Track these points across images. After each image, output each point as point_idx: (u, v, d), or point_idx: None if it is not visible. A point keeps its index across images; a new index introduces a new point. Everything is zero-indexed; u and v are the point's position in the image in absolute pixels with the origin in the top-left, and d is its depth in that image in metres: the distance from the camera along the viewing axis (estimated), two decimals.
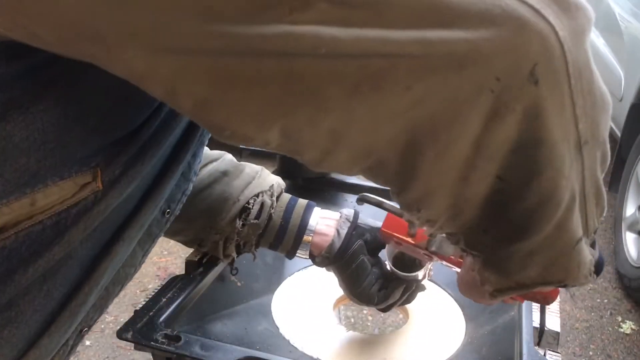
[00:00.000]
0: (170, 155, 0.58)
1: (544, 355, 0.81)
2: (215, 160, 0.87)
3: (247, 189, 0.85)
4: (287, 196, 0.88)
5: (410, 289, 0.88)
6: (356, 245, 0.84)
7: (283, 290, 1.00)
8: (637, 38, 3.17)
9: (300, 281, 1.03)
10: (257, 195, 0.84)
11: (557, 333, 0.84)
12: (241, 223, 0.83)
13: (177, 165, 0.59)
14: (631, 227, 2.77)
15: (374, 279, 0.86)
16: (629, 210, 2.82)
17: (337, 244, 0.84)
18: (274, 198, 0.86)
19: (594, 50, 3.89)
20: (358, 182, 1.28)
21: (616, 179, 3.01)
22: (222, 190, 0.84)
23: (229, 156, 0.89)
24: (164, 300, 0.85)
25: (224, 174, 0.85)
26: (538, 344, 0.84)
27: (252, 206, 0.84)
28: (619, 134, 3.14)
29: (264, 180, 0.87)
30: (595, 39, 3.92)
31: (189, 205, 0.72)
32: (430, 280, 1.06)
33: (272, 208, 0.85)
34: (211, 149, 0.88)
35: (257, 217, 0.84)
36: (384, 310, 0.89)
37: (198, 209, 0.83)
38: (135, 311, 0.82)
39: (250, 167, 0.88)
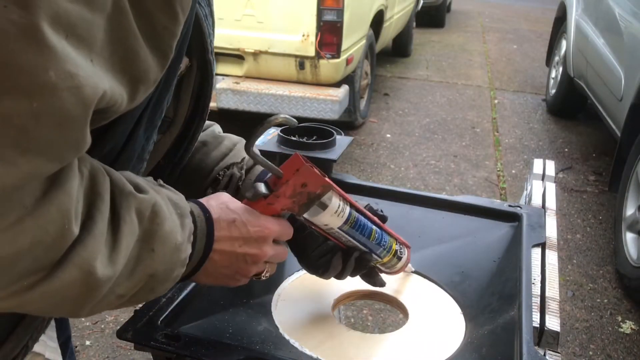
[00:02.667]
0: (124, 143, 0.61)
1: (544, 355, 0.81)
2: (205, 129, 0.88)
3: (223, 160, 0.87)
4: (258, 169, 0.89)
5: (350, 255, 0.85)
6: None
7: (283, 290, 1.00)
8: (637, 38, 3.16)
9: (300, 281, 1.03)
10: (227, 168, 0.86)
11: (557, 333, 0.84)
12: (210, 191, 0.84)
13: (131, 152, 0.63)
14: (631, 227, 2.77)
15: (324, 250, 0.85)
16: (629, 210, 2.82)
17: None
18: (243, 171, 0.87)
19: (594, 50, 3.90)
20: (358, 182, 1.28)
21: (616, 179, 3.01)
22: (200, 160, 0.86)
23: (215, 127, 0.92)
24: (164, 300, 0.85)
25: (203, 144, 0.87)
26: (538, 344, 0.84)
27: (222, 178, 0.86)
28: (618, 134, 3.14)
29: (238, 152, 0.88)
30: (595, 39, 3.92)
31: (170, 173, 0.78)
32: (431, 280, 1.06)
33: (240, 180, 0.86)
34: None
35: (225, 188, 0.85)
36: (339, 278, 0.88)
37: (179, 178, 0.84)
38: (135, 311, 0.83)
39: (230, 139, 0.90)
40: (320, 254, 0.85)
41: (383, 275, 0.95)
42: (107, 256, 0.52)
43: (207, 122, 0.90)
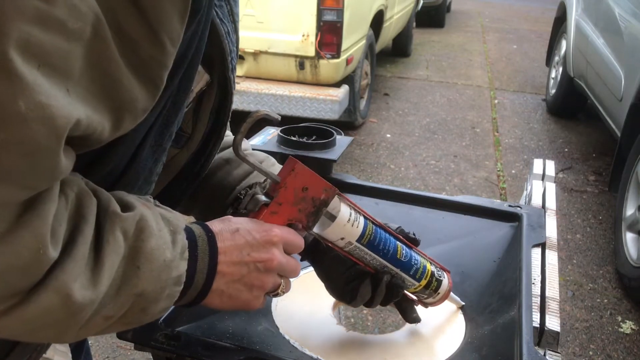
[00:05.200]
0: (127, 165, 0.61)
1: (544, 355, 0.81)
2: (227, 147, 0.87)
3: (246, 179, 0.85)
4: None
5: (380, 281, 0.80)
6: None
7: None
8: (637, 38, 3.16)
9: (301, 281, 1.03)
10: (250, 187, 0.84)
11: (557, 333, 0.84)
12: (231, 211, 0.83)
13: (135, 174, 0.62)
14: (631, 227, 2.77)
15: (352, 275, 0.81)
16: (629, 210, 2.82)
17: (311, 237, 0.80)
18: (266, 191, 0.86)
19: (594, 50, 3.90)
20: (358, 182, 1.28)
21: (616, 179, 3.01)
22: (222, 178, 0.85)
23: (242, 145, 0.88)
24: None
25: (226, 162, 0.86)
26: (538, 344, 0.84)
27: (244, 197, 0.84)
28: (618, 134, 3.14)
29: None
30: (595, 39, 3.92)
31: (185, 189, 0.77)
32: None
33: None
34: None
35: (247, 208, 0.84)
36: (369, 306, 0.84)
37: (200, 193, 0.84)
38: None
39: (255, 157, 0.87)
40: (348, 279, 0.81)
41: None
42: (89, 279, 0.51)
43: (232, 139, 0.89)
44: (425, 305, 0.91)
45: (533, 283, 0.95)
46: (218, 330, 0.86)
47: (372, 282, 0.81)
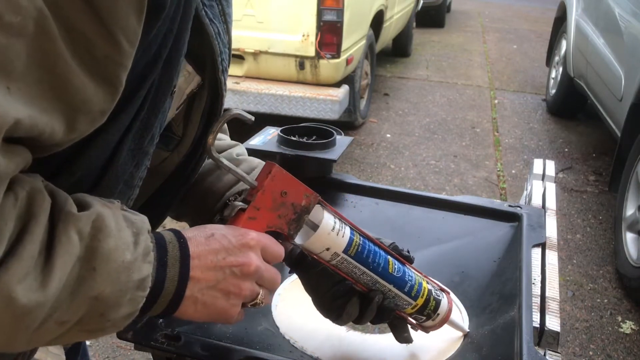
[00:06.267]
0: (103, 169, 0.59)
1: (544, 355, 0.81)
2: (222, 150, 0.85)
3: (236, 185, 0.82)
4: None
5: (372, 301, 0.76)
6: None
7: (283, 290, 1.00)
8: (637, 38, 3.16)
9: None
10: (240, 193, 0.80)
11: (557, 333, 0.84)
12: (219, 218, 0.81)
13: (114, 179, 0.60)
14: (631, 227, 2.77)
15: (340, 292, 0.77)
16: (629, 210, 2.82)
17: (298, 249, 0.76)
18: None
19: (594, 50, 3.90)
20: (358, 182, 1.28)
21: (616, 179, 3.01)
22: (211, 184, 0.82)
23: (236, 149, 0.86)
24: None
25: (218, 166, 0.81)
26: (538, 344, 0.84)
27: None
28: (619, 134, 3.14)
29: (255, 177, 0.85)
30: (595, 39, 3.92)
31: (175, 193, 0.75)
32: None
33: None
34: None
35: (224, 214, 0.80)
36: (358, 324, 0.80)
37: (190, 198, 0.82)
38: None
39: (248, 163, 0.84)
40: (335, 296, 0.77)
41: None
42: (38, 280, 0.48)
43: (230, 142, 0.87)
44: (426, 329, 0.85)
45: (533, 283, 0.95)
46: (218, 331, 0.86)
47: (361, 301, 0.77)
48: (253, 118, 0.67)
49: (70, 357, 0.80)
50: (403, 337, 0.83)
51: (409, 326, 0.83)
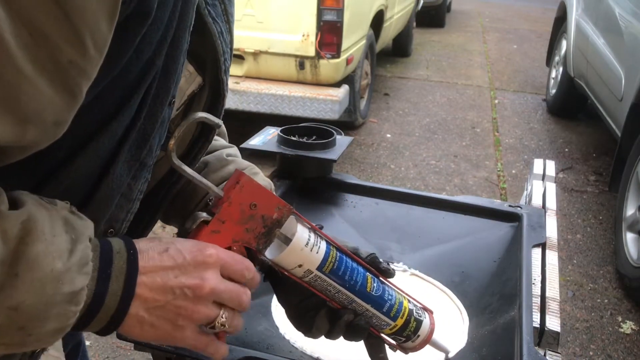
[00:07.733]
0: (97, 181, 0.56)
1: (544, 355, 0.81)
2: (214, 151, 0.83)
3: (219, 186, 0.78)
4: None
5: (340, 317, 0.71)
6: None
7: None
8: (637, 38, 3.16)
9: None
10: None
11: (557, 333, 0.84)
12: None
13: (109, 191, 0.57)
14: (631, 227, 2.77)
15: (309, 306, 0.73)
16: (629, 210, 2.82)
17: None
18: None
19: (594, 50, 3.89)
20: (358, 182, 1.28)
21: (616, 179, 3.01)
22: (195, 185, 0.77)
23: (226, 150, 0.84)
24: None
25: (205, 165, 0.80)
26: (538, 344, 0.84)
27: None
28: (619, 134, 3.14)
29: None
30: (596, 39, 3.92)
31: (166, 194, 0.73)
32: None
33: None
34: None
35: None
36: (331, 339, 0.75)
37: (177, 199, 0.79)
38: None
39: (237, 164, 0.81)
40: (305, 309, 0.73)
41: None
42: None
43: (224, 144, 0.85)
44: (405, 350, 0.78)
45: (533, 283, 0.95)
46: None
47: (329, 315, 0.73)
48: (221, 122, 0.63)
49: (70, 358, 0.80)
50: (378, 358, 0.77)
51: (387, 346, 0.77)
